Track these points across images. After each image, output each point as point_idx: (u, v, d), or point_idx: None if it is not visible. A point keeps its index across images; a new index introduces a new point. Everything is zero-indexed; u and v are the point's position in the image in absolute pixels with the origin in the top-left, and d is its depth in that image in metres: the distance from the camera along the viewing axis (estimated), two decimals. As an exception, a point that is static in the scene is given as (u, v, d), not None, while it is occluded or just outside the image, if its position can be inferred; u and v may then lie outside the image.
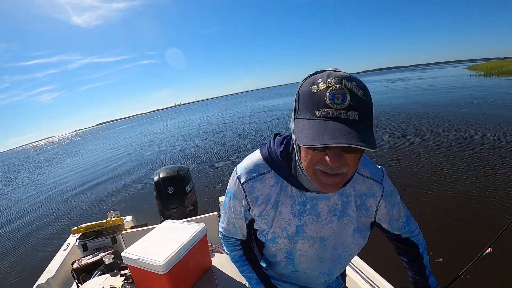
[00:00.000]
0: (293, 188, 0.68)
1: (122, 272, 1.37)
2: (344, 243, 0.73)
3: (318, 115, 0.49)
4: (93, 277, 1.52)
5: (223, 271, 1.31)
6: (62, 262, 1.98)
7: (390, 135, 7.26)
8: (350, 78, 0.50)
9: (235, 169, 0.74)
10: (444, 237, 2.86)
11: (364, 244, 0.76)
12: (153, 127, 29.33)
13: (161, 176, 2.48)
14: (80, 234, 2.14)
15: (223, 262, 1.38)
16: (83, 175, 9.87)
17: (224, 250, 1.66)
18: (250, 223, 0.79)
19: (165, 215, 2.42)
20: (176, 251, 1.11)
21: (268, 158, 0.69)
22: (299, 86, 0.55)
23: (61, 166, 14.47)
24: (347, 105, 0.48)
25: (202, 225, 1.31)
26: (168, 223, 1.40)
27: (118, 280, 1.32)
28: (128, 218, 2.48)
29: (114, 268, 1.50)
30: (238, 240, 0.87)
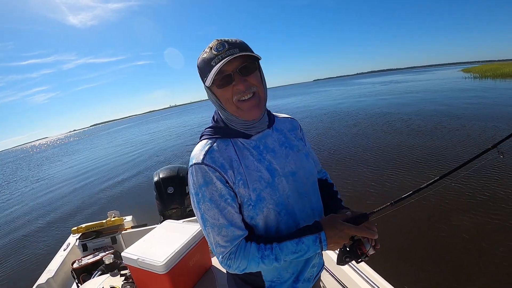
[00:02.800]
0: (240, 139, 0.75)
1: (122, 272, 1.37)
2: (308, 170, 0.81)
3: (213, 63, 0.65)
4: (93, 277, 1.52)
5: (223, 271, 1.31)
6: (62, 262, 1.98)
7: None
8: (225, 38, 0.68)
9: (189, 169, 0.72)
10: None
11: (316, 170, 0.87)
12: (150, 128, 29.32)
13: (161, 176, 2.48)
14: (80, 234, 2.14)
15: (223, 262, 1.38)
16: (83, 175, 9.87)
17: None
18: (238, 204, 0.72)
19: (165, 215, 2.42)
20: (176, 251, 1.11)
21: (208, 133, 0.76)
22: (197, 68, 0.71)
23: (60, 166, 14.47)
24: (228, 47, 0.66)
25: (202, 225, 1.31)
26: (168, 223, 1.40)
27: (118, 280, 1.32)
28: (128, 218, 2.48)
29: (114, 268, 1.51)
30: (242, 240, 0.72)
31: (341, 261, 0.73)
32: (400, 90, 20.73)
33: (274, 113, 0.87)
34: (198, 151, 0.71)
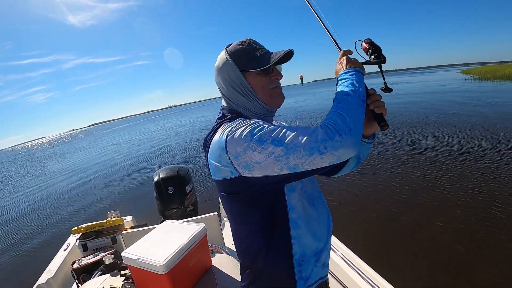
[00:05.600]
0: None
1: (122, 272, 1.37)
2: None
3: (259, 54, 0.77)
4: (93, 277, 1.52)
5: (223, 271, 1.31)
6: (62, 262, 1.98)
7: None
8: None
9: (228, 139, 0.65)
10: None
11: None
12: (149, 128, 29.31)
13: (161, 176, 2.48)
14: (80, 234, 2.14)
15: (223, 262, 1.38)
16: (83, 175, 9.86)
17: (224, 251, 1.65)
18: None
19: (165, 215, 2.42)
20: (176, 251, 1.11)
21: (228, 120, 0.74)
22: (226, 57, 0.78)
23: (60, 166, 14.46)
24: (262, 45, 0.80)
25: (202, 225, 1.31)
26: (168, 223, 1.40)
27: (118, 280, 1.32)
28: (128, 218, 2.48)
29: (114, 268, 1.50)
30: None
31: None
32: (396, 92, 20.80)
33: None
34: (228, 126, 0.68)
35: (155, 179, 2.50)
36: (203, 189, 5.52)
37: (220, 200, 2.64)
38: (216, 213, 1.81)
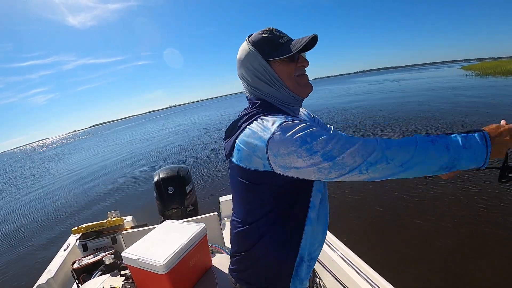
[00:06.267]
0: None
1: (122, 272, 1.37)
2: None
3: (283, 41, 0.74)
4: (93, 277, 1.52)
5: (223, 271, 1.31)
6: (62, 262, 1.98)
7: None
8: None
9: (275, 133, 0.61)
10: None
11: None
12: (150, 128, 29.33)
13: (161, 176, 2.48)
14: (80, 234, 2.14)
15: (223, 262, 1.38)
16: (83, 176, 9.87)
17: (224, 251, 1.65)
18: None
19: (165, 215, 2.42)
20: (176, 251, 1.11)
21: (262, 112, 0.72)
22: (249, 47, 0.75)
23: (61, 167, 14.48)
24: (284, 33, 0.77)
25: (202, 225, 1.31)
26: (168, 223, 1.40)
27: (119, 280, 1.32)
28: (128, 218, 2.48)
29: (114, 268, 1.50)
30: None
31: (504, 177, 0.66)
32: (394, 89, 20.77)
33: None
34: (269, 121, 0.64)
35: (155, 179, 2.50)
36: (203, 189, 5.52)
37: (220, 200, 2.63)
38: (216, 213, 1.81)
